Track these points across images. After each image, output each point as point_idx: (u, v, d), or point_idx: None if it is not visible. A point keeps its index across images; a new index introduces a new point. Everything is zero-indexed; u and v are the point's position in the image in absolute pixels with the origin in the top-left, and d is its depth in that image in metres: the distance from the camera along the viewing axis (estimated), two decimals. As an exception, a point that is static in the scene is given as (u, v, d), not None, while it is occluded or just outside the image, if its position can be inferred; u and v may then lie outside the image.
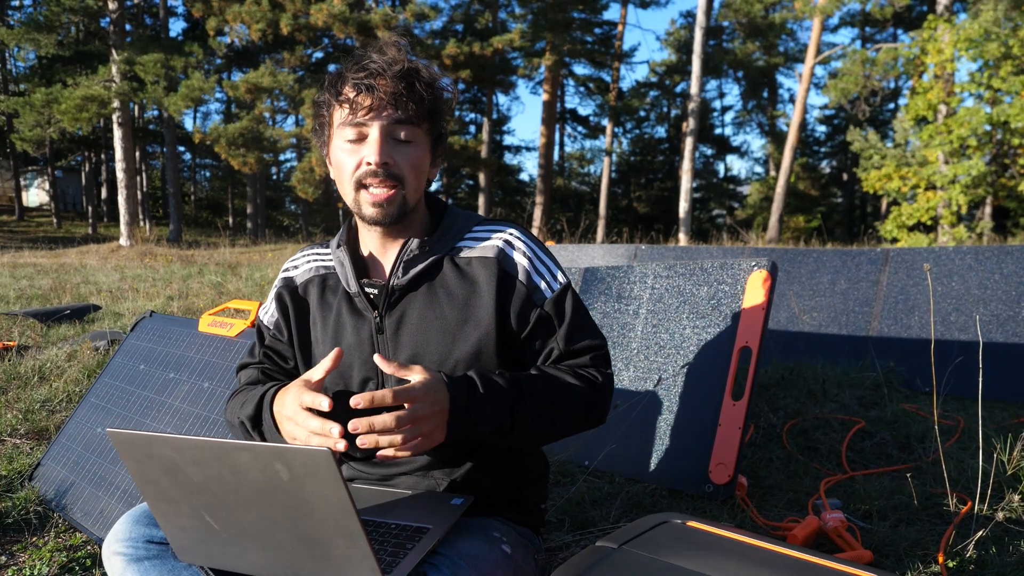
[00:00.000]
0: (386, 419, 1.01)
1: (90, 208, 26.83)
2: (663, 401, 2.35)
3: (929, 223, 13.74)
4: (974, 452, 2.47)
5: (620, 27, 26.22)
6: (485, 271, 1.25)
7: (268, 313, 1.42)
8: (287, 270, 1.42)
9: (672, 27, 30.36)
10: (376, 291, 1.27)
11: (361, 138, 1.20)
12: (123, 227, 18.48)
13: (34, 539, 1.95)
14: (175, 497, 1.05)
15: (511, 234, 1.29)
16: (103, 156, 30.34)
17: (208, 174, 38.91)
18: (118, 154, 18.34)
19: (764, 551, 1.09)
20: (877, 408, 3.00)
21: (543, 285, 1.27)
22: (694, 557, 1.07)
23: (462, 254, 1.28)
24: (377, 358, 1.07)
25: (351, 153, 1.21)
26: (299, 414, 1.08)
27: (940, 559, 1.67)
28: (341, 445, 1.04)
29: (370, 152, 1.19)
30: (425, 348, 1.24)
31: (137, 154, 23.79)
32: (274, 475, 0.95)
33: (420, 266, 1.26)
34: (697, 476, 2.15)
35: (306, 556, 1.02)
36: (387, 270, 1.31)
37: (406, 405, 1.03)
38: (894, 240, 14.03)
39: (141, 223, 21.30)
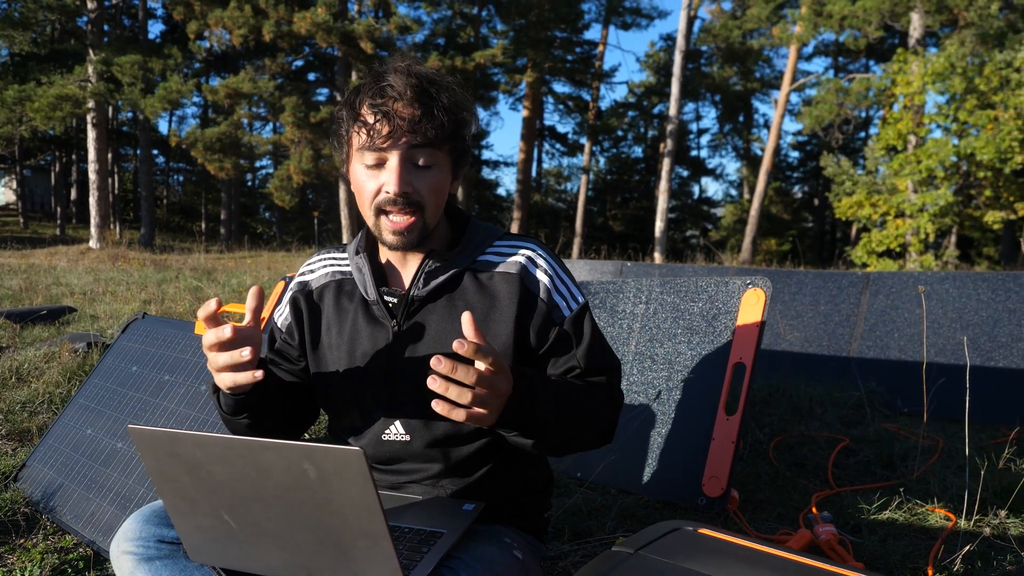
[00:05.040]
0: (471, 371, 0.97)
1: (59, 209, 26.29)
2: (657, 415, 2.39)
3: (898, 250, 14.08)
4: (955, 471, 2.54)
5: (601, 47, 26.59)
6: (507, 287, 1.26)
7: (282, 316, 1.41)
8: (303, 274, 1.41)
9: (652, 49, 30.82)
10: (395, 300, 1.28)
11: (380, 163, 1.19)
12: (93, 229, 18.13)
13: (22, 541, 1.91)
14: (194, 496, 1.05)
15: (534, 251, 1.30)
16: (74, 156, 29.77)
17: (181, 178, 38.39)
18: (91, 155, 18.01)
19: (776, 558, 1.12)
20: (859, 427, 3.07)
21: (563, 304, 1.27)
22: (709, 562, 1.10)
23: (483, 268, 1.28)
24: (466, 316, 1.03)
25: (371, 178, 1.20)
26: (210, 357, 1.09)
27: (929, 572, 1.72)
28: (260, 373, 1.07)
29: (390, 181, 1.18)
30: None
31: (109, 156, 23.42)
32: (301, 474, 0.95)
33: (441, 278, 1.26)
34: (690, 489, 2.19)
35: (326, 557, 1.02)
36: (406, 279, 1.31)
37: (491, 369, 1.00)
38: (864, 266, 14.34)
39: (112, 226, 20.93)
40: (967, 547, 1.83)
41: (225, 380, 1.10)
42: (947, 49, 13.00)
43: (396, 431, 1.28)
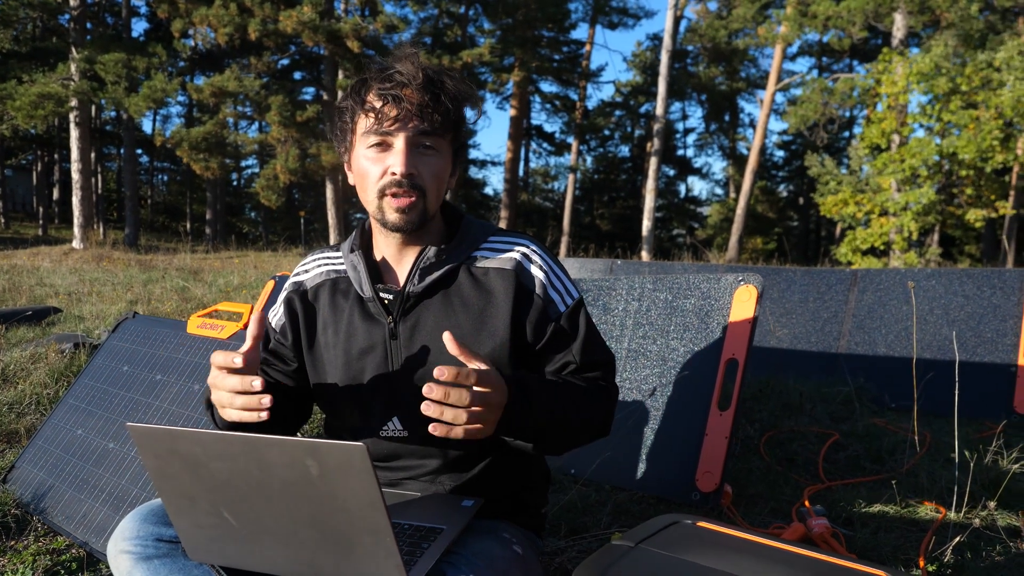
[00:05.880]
0: (464, 393, 1.00)
1: (41, 209, 26.00)
2: (650, 411, 2.40)
3: (882, 248, 14.22)
4: (943, 464, 2.58)
5: (588, 47, 26.64)
6: (503, 283, 1.27)
7: (276, 316, 1.41)
8: (298, 275, 1.41)
9: (638, 49, 30.90)
10: (391, 297, 1.28)
11: (386, 147, 1.21)
12: (77, 229, 17.93)
13: (12, 543, 1.89)
14: (194, 493, 1.04)
15: (529, 247, 1.31)
16: (56, 156, 29.44)
17: (166, 178, 38.08)
18: (74, 154, 17.82)
19: (776, 550, 1.13)
20: (848, 422, 3.11)
21: (558, 299, 1.29)
22: (709, 555, 1.11)
23: (478, 264, 1.29)
24: (447, 336, 1.06)
25: (375, 162, 1.22)
26: (217, 376, 1.10)
27: (921, 563, 1.75)
28: (267, 400, 1.07)
29: (396, 162, 1.20)
30: (439, 356, 1.25)
31: (93, 155, 23.16)
32: (304, 470, 0.94)
33: (436, 273, 1.27)
34: (684, 484, 2.20)
35: (328, 553, 1.02)
36: (401, 276, 1.31)
37: (482, 388, 1.02)
38: (849, 263, 14.47)
39: (95, 226, 20.71)
40: (957, 538, 1.86)
41: (231, 415, 1.11)
42: (932, 50, 13.14)
43: (394, 427, 1.29)
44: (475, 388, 1.01)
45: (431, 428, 1.00)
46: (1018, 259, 17.30)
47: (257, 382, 1.07)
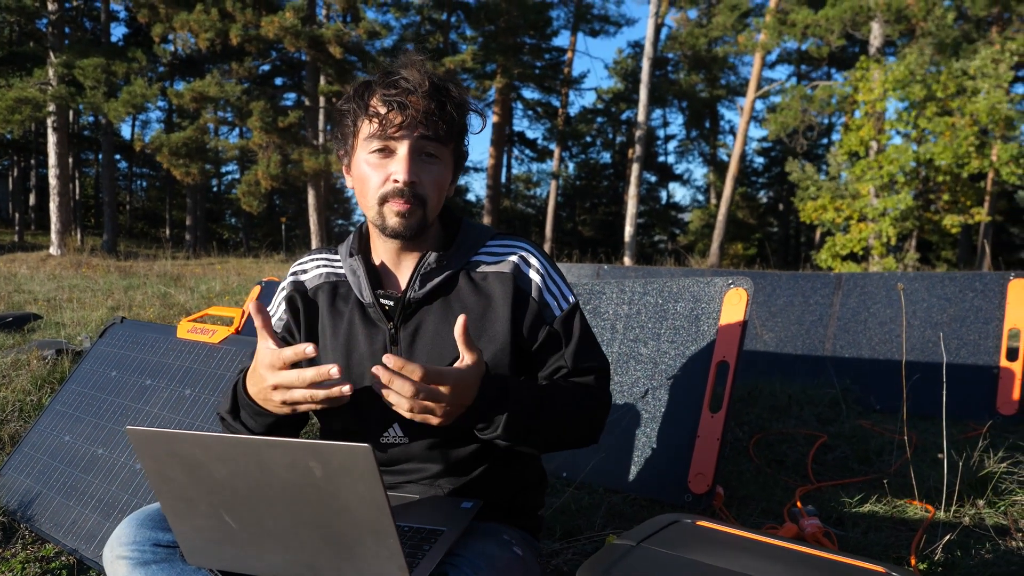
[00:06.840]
0: (406, 385, 1.02)
1: (17, 215, 25.61)
2: (642, 414, 2.41)
3: (861, 253, 14.40)
4: (930, 464, 2.61)
5: (569, 54, 26.78)
6: (501, 287, 1.27)
7: (275, 316, 1.39)
8: (295, 273, 1.40)
9: (620, 56, 31.11)
10: (391, 302, 1.28)
11: (389, 153, 1.21)
12: (54, 235, 17.68)
13: (0, 551, 1.85)
14: (193, 496, 1.03)
15: (526, 251, 1.32)
16: (33, 161, 29.05)
17: (145, 184, 37.67)
18: (51, 160, 17.58)
19: (775, 547, 1.14)
20: (835, 424, 3.14)
21: (553, 303, 1.29)
22: (711, 553, 1.11)
23: (478, 269, 1.30)
24: (460, 320, 1.08)
25: (377, 167, 1.21)
26: (285, 375, 1.08)
27: (912, 561, 1.77)
28: (347, 388, 1.05)
29: (398, 170, 1.19)
30: (440, 361, 1.24)
31: (71, 160, 22.85)
32: (306, 471, 0.94)
33: (437, 279, 1.27)
34: (676, 486, 2.21)
35: (330, 555, 1.01)
36: (401, 281, 1.31)
37: (434, 385, 1.04)
38: (829, 269, 14.63)
39: (73, 232, 20.42)
40: (947, 536, 1.89)
41: (308, 407, 1.10)
42: (907, 58, 13.37)
43: (394, 433, 1.28)
44: (419, 382, 1.03)
45: (383, 392, 1.04)
46: (994, 263, 17.62)
47: (335, 369, 1.05)
